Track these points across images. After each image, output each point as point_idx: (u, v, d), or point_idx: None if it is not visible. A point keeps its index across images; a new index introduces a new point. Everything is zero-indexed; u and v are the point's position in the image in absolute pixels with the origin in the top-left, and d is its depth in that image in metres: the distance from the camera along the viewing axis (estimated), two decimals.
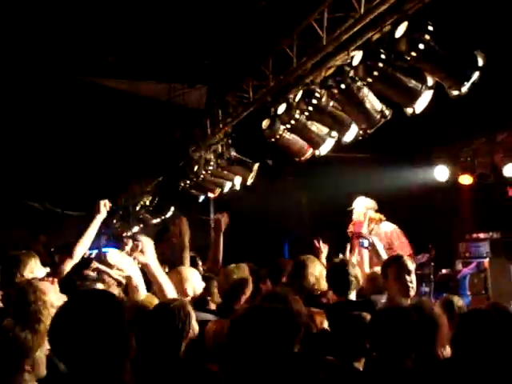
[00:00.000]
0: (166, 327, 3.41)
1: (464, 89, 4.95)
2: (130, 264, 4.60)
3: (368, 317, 4.00)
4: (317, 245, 6.73)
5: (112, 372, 2.46)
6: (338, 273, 5.27)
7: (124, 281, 4.67)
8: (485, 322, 3.37)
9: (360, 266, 6.01)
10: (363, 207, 7.84)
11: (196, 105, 10.14)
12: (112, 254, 4.72)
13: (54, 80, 9.01)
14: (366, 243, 6.53)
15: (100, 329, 2.47)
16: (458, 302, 4.57)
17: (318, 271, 5.50)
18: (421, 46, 4.83)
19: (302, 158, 7.27)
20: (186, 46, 8.30)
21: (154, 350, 3.32)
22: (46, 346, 3.13)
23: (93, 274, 4.78)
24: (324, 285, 5.44)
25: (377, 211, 8.00)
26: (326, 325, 4.29)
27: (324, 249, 6.77)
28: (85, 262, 4.95)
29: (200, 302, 5.05)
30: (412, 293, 4.94)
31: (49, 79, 8.98)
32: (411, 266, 5.05)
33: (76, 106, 9.86)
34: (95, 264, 4.85)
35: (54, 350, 2.61)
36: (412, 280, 4.95)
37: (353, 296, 5.25)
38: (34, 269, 4.75)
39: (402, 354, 3.50)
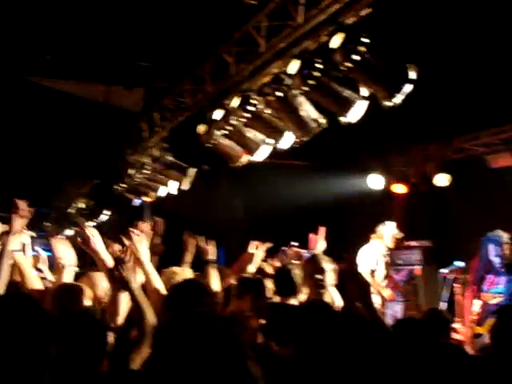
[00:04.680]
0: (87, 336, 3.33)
1: (396, 100, 5.07)
2: None
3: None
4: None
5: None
6: (283, 276, 5.28)
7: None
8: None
9: None
10: None
11: (133, 107, 10.04)
12: None
13: None
14: (307, 255, 6.55)
15: (17, 336, 2.40)
16: None
17: None
18: (355, 57, 4.92)
19: (238, 164, 7.29)
20: (124, 48, 8.22)
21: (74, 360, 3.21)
22: None
23: None
24: None
25: None
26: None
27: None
28: None
29: None
30: (324, 291, 4.97)
31: None
32: (326, 265, 5.08)
33: (10, 104, 9.63)
34: None
35: None
36: (324, 279, 4.98)
37: (301, 298, 5.25)
38: None
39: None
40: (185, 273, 5.28)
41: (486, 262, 7.56)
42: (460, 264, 9.29)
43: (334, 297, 5.16)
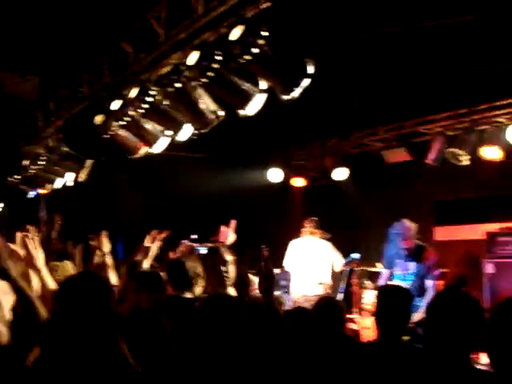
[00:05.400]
0: None
1: (294, 94, 5.11)
2: None
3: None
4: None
5: None
6: (176, 269, 5.23)
7: None
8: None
9: None
10: None
11: (28, 96, 9.70)
12: None
13: None
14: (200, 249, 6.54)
15: None
16: None
17: None
18: (254, 51, 4.92)
19: (136, 156, 7.17)
20: (18, 34, 7.91)
21: None
22: None
23: None
24: None
25: None
26: None
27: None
28: None
29: None
30: (229, 283, 4.99)
31: None
32: (228, 256, 5.11)
33: None
34: None
35: None
36: (228, 270, 5.01)
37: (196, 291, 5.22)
38: None
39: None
40: (65, 266, 5.15)
41: (396, 249, 7.79)
42: (356, 256, 9.53)
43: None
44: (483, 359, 4.81)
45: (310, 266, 9.29)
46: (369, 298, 9.09)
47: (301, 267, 9.37)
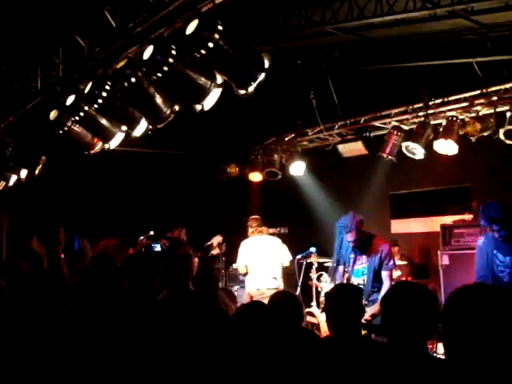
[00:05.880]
0: None
1: (250, 89, 5.11)
2: None
3: None
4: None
5: None
6: (132, 265, 5.20)
7: None
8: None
9: None
10: None
11: None
12: None
13: None
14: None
15: None
16: None
17: None
18: (210, 45, 4.91)
19: (92, 152, 7.08)
20: None
21: None
22: None
23: None
24: None
25: None
26: None
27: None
28: None
29: None
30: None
31: None
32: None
33: None
34: None
35: None
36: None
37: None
38: None
39: None
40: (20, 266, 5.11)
41: (346, 243, 7.67)
42: (314, 249, 9.58)
43: None
44: (440, 349, 4.93)
45: (263, 261, 9.39)
46: (327, 291, 9.13)
47: (255, 263, 9.46)
